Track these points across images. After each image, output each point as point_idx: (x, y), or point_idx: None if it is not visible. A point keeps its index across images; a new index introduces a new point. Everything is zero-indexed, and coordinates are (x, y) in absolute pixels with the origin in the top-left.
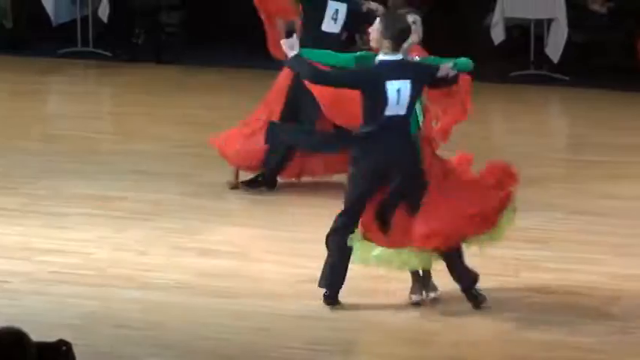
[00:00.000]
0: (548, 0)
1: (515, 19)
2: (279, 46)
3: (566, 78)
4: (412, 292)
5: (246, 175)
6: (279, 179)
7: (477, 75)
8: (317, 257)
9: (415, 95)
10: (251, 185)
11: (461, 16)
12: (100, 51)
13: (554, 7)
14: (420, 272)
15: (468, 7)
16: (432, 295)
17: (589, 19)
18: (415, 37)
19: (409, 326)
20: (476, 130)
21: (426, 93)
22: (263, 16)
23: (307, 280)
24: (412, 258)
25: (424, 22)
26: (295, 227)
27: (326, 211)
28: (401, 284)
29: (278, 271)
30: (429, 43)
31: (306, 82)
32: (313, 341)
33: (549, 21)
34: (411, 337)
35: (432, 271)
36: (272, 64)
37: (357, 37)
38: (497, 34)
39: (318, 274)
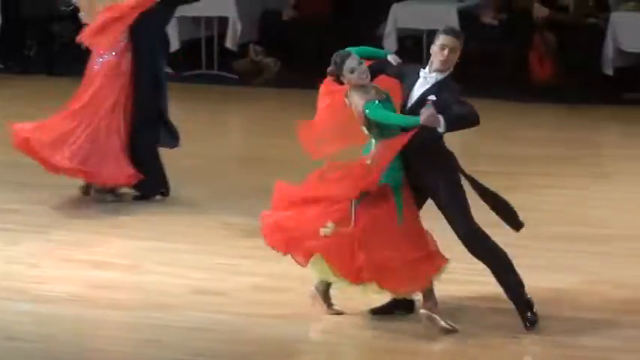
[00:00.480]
0: (440, 11)
1: (407, 29)
2: None
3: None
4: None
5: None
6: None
7: None
8: (205, 269)
9: None
10: (143, 197)
11: (354, 26)
12: None
13: (447, 18)
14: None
15: (360, 18)
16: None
17: (481, 30)
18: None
19: (299, 338)
20: None
21: None
22: None
23: (196, 291)
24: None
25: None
26: (185, 238)
27: (213, 223)
28: (296, 297)
29: (168, 282)
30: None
31: None
32: (202, 353)
33: None
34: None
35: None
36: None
37: None
38: (390, 45)
39: (206, 284)
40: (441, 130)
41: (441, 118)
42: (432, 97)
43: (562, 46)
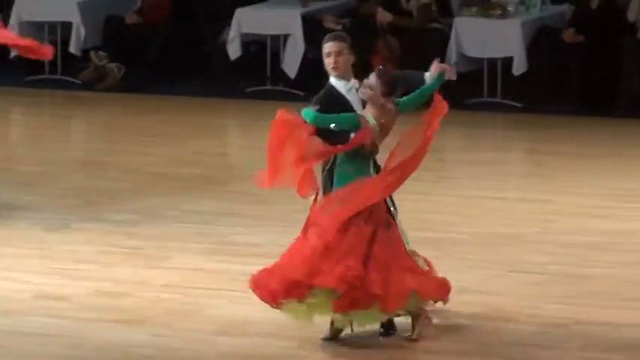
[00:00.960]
0: (284, 16)
1: (251, 34)
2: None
3: (302, 93)
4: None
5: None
6: None
7: (213, 91)
8: (47, 274)
9: None
10: None
11: (197, 31)
12: None
13: (290, 23)
14: None
15: (204, 23)
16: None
17: (325, 35)
18: None
19: (141, 343)
20: (211, 146)
21: None
22: None
23: (38, 296)
24: None
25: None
26: (27, 244)
27: (56, 227)
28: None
29: (10, 287)
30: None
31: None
32: (50, 358)
33: (285, 37)
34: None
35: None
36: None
37: None
38: (234, 50)
39: (48, 289)
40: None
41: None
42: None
43: (405, 51)
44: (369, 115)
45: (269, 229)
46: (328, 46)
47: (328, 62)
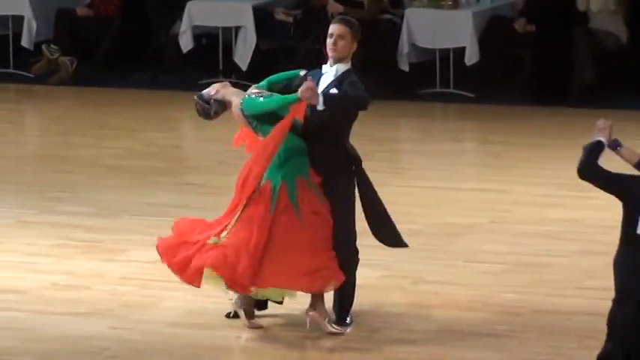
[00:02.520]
0: (236, 9)
1: (203, 27)
2: None
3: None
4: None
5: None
6: None
7: (165, 83)
8: (3, 267)
9: None
10: None
11: (149, 24)
12: None
13: (242, 15)
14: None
15: (155, 15)
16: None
17: (277, 27)
18: None
19: (99, 335)
20: (165, 139)
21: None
22: None
23: None
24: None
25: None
26: None
27: (11, 221)
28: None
29: None
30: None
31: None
32: (7, 351)
33: (237, 29)
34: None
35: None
36: None
37: None
38: (186, 43)
39: (5, 283)
40: (319, 107)
41: (320, 94)
42: (334, 91)
43: (358, 42)
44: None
45: None
46: (332, 28)
47: (328, 43)
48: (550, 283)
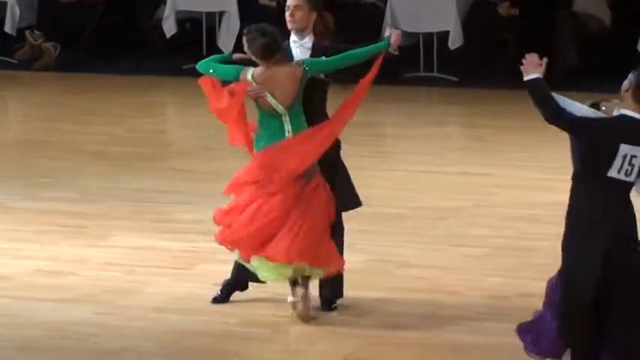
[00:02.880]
0: None
1: (186, 12)
2: None
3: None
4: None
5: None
6: None
7: (149, 68)
8: None
9: None
10: None
11: (132, 9)
12: None
13: (225, 0)
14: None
15: (139, 0)
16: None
17: (260, 12)
18: None
19: (83, 320)
20: (149, 124)
21: None
22: None
23: None
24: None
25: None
26: None
27: None
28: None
29: None
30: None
31: None
32: None
33: (220, 14)
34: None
35: None
36: None
37: None
38: (169, 28)
39: None
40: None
41: None
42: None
43: (340, 26)
44: (252, 70)
45: (208, 205)
46: (289, 1)
47: (286, 16)
48: (535, 267)
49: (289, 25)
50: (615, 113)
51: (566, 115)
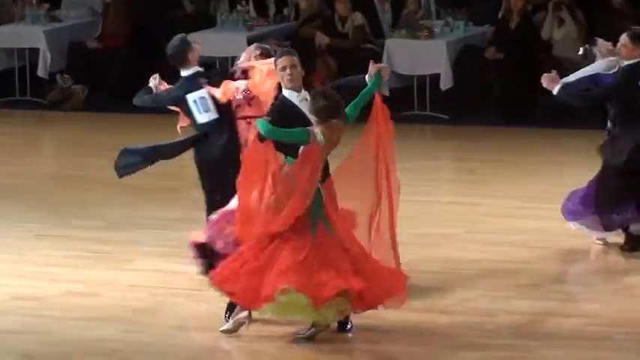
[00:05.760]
0: (231, 40)
1: (201, 57)
2: None
3: None
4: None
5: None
6: None
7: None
8: (22, 277)
9: None
10: None
11: (153, 55)
12: None
13: (237, 46)
14: None
15: (159, 47)
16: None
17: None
18: None
19: (111, 337)
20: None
21: None
22: None
23: (15, 297)
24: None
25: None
26: (1, 249)
27: (28, 234)
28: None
29: None
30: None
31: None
32: (25, 354)
33: (233, 58)
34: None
35: None
36: None
37: None
38: None
39: (24, 291)
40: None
41: None
42: None
43: (342, 69)
44: (317, 130)
45: None
46: (283, 60)
47: (283, 75)
48: (520, 287)
49: (288, 85)
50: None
51: (596, 94)
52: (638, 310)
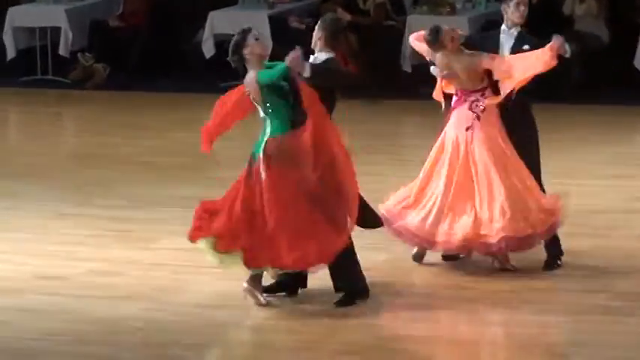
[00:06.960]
0: (253, 17)
1: (223, 34)
2: None
3: None
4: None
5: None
6: None
7: (190, 87)
8: (44, 256)
9: None
10: None
11: (174, 33)
12: None
13: (258, 23)
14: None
15: (180, 25)
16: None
17: (291, 34)
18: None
19: (133, 316)
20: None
21: None
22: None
23: (37, 276)
24: None
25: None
26: (25, 228)
27: (51, 214)
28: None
29: (11, 268)
30: (145, 59)
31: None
32: (48, 332)
33: None
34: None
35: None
36: None
37: None
38: (208, 49)
39: (47, 270)
40: (305, 74)
41: (307, 64)
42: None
43: (363, 46)
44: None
45: None
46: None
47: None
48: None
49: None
50: None
51: None
52: None
